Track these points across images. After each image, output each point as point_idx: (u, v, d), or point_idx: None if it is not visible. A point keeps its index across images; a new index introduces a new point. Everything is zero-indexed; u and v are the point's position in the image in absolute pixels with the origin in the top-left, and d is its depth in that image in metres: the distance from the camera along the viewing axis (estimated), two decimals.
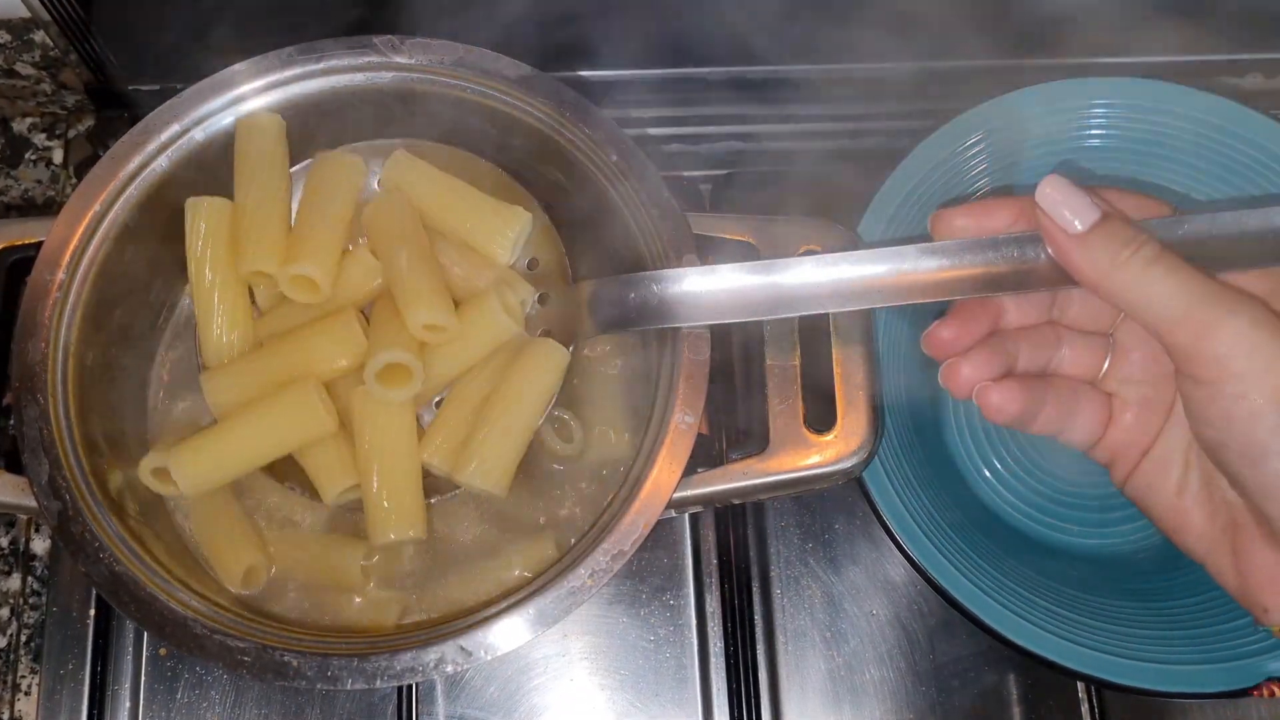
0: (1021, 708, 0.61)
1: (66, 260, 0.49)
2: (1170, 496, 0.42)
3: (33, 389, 0.48)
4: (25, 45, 0.64)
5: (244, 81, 0.52)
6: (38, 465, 0.47)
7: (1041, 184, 0.38)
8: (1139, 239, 0.37)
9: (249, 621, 0.47)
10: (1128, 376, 0.43)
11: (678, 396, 0.48)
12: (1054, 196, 0.38)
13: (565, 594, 0.46)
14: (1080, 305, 0.44)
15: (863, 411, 0.49)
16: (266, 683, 0.47)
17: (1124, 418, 0.43)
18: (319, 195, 0.53)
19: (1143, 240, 0.37)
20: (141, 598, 0.46)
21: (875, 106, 0.71)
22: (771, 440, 0.49)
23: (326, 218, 0.52)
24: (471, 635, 0.46)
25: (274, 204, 0.52)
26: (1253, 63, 0.71)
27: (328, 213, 0.52)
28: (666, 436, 0.48)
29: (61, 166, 0.69)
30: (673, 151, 0.70)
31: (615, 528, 0.47)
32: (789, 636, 0.61)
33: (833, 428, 0.50)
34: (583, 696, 0.60)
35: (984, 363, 0.41)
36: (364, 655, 0.45)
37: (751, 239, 0.52)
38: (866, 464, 0.50)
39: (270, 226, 0.52)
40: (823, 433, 0.49)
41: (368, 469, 0.50)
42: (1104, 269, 0.37)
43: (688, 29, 0.67)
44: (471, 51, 0.52)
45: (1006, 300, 0.43)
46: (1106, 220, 0.38)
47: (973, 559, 0.53)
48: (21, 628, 0.61)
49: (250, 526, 0.53)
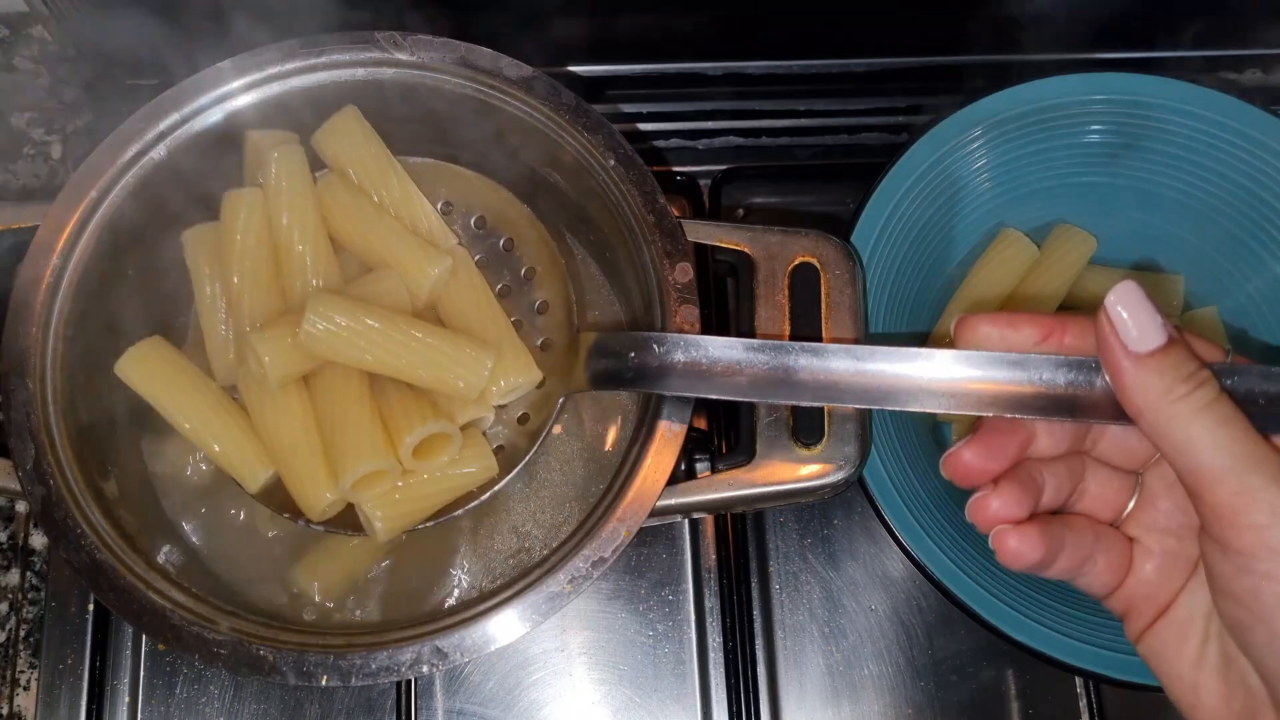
0: (1020, 703, 0.61)
1: (60, 246, 0.49)
2: (1185, 667, 0.37)
3: (22, 373, 0.48)
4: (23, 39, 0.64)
5: (243, 74, 0.52)
6: (24, 449, 0.47)
7: (1114, 290, 0.35)
8: (1199, 376, 0.34)
9: (227, 615, 0.47)
10: (1151, 524, 0.39)
11: (665, 401, 0.48)
12: (1123, 306, 0.35)
13: (544, 599, 0.46)
14: (1112, 438, 0.40)
15: (851, 426, 0.49)
16: (243, 676, 0.47)
17: (1144, 568, 0.39)
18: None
19: (1203, 379, 0.34)
20: (120, 586, 0.46)
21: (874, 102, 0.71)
22: (758, 452, 0.49)
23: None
24: (448, 636, 0.46)
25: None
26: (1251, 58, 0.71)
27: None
28: (652, 443, 0.47)
29: (59, 161, 0.69)
30: (671, 147, 0.70)
31: (597, 534, 0.46)
32: (787, 632, 0.61)
33: (820, 441, 0.49)
34: (581, 691, 0.60)
35: (1014, 500, 0.37)
36: (340, 653, 0.45)
37: (747, 248, 0.51)
38: (853, 479, 0.49)
39: None
40: (810, 446, 0.49)
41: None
42: (1154, 400, 0.34)
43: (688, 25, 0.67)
44: (473, 50, 0.52)
45: (1040, 425, 0.39)
46: (1171, 347, 0.34)
47: (971, 555, 0.53)
48: (20, 623, 0.61)
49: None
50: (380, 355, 0.48)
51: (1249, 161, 0.59)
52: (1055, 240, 0.63)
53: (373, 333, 0.48)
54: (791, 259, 0.51)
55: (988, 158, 0.60)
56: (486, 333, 0.51)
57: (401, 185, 0.53)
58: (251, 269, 0.51)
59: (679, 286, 0.49)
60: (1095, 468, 0.40)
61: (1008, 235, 0.62)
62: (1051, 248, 0.63)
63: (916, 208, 0.58)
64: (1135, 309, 0.34)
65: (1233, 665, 0.36)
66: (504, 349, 0.50)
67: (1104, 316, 0.35)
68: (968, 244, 0.63)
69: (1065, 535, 0.38)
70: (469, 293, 0.52)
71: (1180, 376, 0.34)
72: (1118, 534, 0.39)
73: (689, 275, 0.49)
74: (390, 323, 0.48)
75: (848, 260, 0.51)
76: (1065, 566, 0.38)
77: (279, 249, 0.51)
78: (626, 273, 0.53)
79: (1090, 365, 0.37)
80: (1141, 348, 0.34)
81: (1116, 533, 0.39)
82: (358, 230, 0.52)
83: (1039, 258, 0.63)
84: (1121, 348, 0.35)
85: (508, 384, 0.50)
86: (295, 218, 0.51)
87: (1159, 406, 0.34)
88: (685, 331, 0.48)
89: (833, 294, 0.51)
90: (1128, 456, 0.40)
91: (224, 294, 0.51)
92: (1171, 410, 0.34)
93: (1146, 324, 0.34)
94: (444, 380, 0.48)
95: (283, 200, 0.51)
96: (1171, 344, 0.34)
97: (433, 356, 0.48)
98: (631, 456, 0.48)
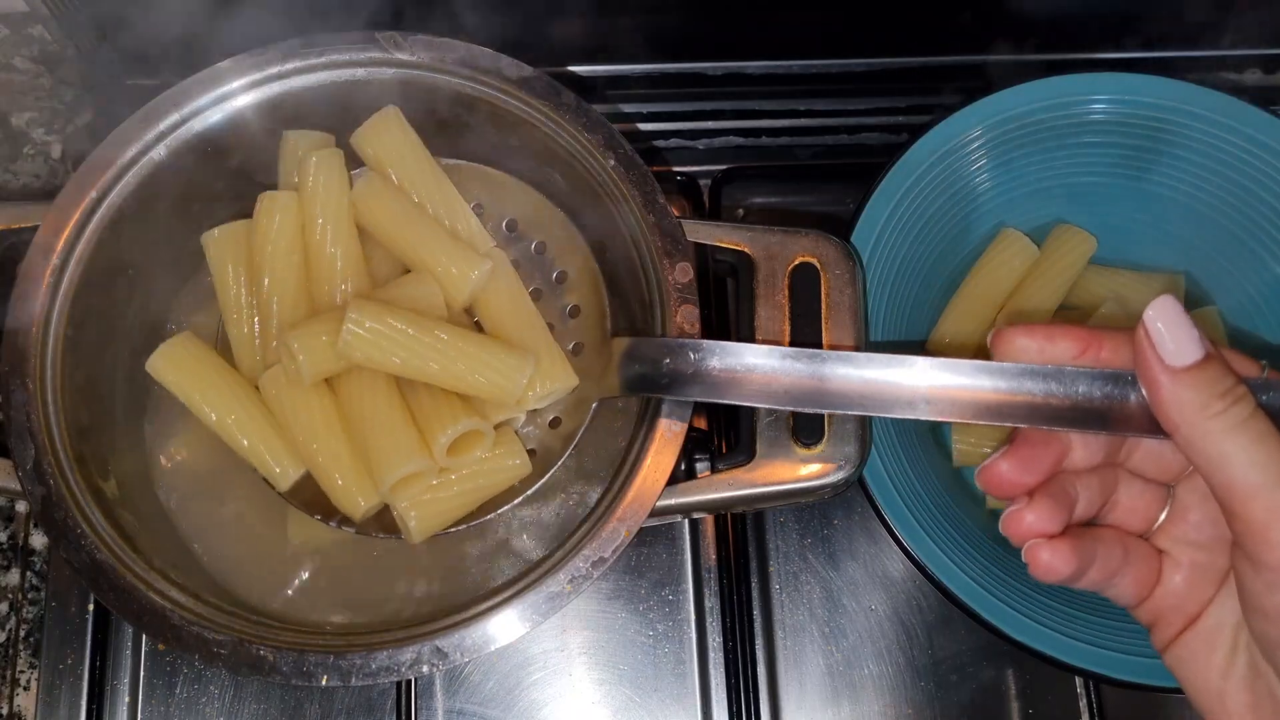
0: (1020, 703, 0.61)
1: (60, 246, 0.49)
2: (1212, 678, 0.37)
3: (22, 373, 0.48)
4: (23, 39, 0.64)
5: (244, 73, 0.51)
6: (23, 449, 0.47)
7: (1152, 304, 0.35)
8: (1236, 392, 0.34)
9: (227, 614, 0.47)
10: (1182, 536, 0.39)
11: (665, 401, 0.48)
12: (1161, 321, 0.35)
13: (545, 599, 0.46)
14: (1146, 451, 0.39)
15: (851, 426, 0.49)
16: (243, 676, 0.47)
17: (1173, 579, 0.39)
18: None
19: (1239, 395, 0.34)
20: (121, 586, 0.46)
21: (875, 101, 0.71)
22: (758, 452, 0.49)
23: None
24: (448, 636, 0.45)
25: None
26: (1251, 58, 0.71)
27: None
28: (652, 443, 0.47)
29: (60, 161, 0.69)
30: (671, 147, 0.70)
31: (597, 534, 0.46)
32: (787, 632, 0.61)
33: (820, 441, 0.49)
34: (581, 691, 0.60)
35: (1049, 514, 0.37)
36: (340, 653, 0.45)
37: (747, 248, 0.51)
38: (853, 479, 0.49)
39: None
40: (810, 446, 0.49)
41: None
42: (1190, 414, 0.34)
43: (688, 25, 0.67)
44: (473, 50, 0.52)
45: (1075, 437, 0.39)
46: (1208, 362, 0.34)
47: (972, 554, 0.53)
48: (20, 623, 0.61)
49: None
50: (418, 363, 0.48)
51: (1249, 161, 0.59)
52: (1055, 240, 0.63)
53: (411, 340, 0.48)
54: (791, 259, 0.51)
55: (988, 158, 0.60)
56: (524, 337, 0.51)
57: (441, 187, 0.53)
58: (283, 271, 0.51)
59: (679, 286, 0.49)
60: (1128, 480, 0.40)
61: (1008, 235, 0.62)
62: (1051, 248, 0.63)
63: (916, 208, 0.58)
64: (1173, 324, 0.35)
65: (1260, 676, 0.36)
66: (541, 354, 0.50)
67: (1142, 331, 0.35)
68: (968, 244, 0.63)
69: (1096, 548, 0.38)
70: (507, 297, 0.52)
71: (1216, 392, 0.34)
72: (1147, 546, 0.39)
73: (689, 275, 0.49)
74: (427, 330, 0.48)
75: (848, 260, 0.51)
76: (1095, 579, 0.38)
77: (310, 253, 0.51)
78: (626, 273, 0.53)
79: (1126, 379, 0.37)
80: (1178, 362, 0.34)
81: (1146, 545, 0.39)
82: (398, 230, 0.52)
83: (1039, 258, 0.63)
84: (1159, 362, 0.35)
85: (544, 389, 0.50)
86: (330, 223, 0.51)
87: (1194, 421, 0.34)
88: (686, 333, 0.48)
89: (833, 294, 0.51)
90: (1161, 469, 0.39)
91: (251, 294, 0.52)
92: (1207, 426, 0.34)
93: (1184, 339, 0.35)
94: (482, 388, 0.49)
95: (318, 205, 0.51)
96: (1208, 359, 0.35)
97: (472, 364, 0.48)
98: (631, 456, 0.48)
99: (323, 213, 0.51)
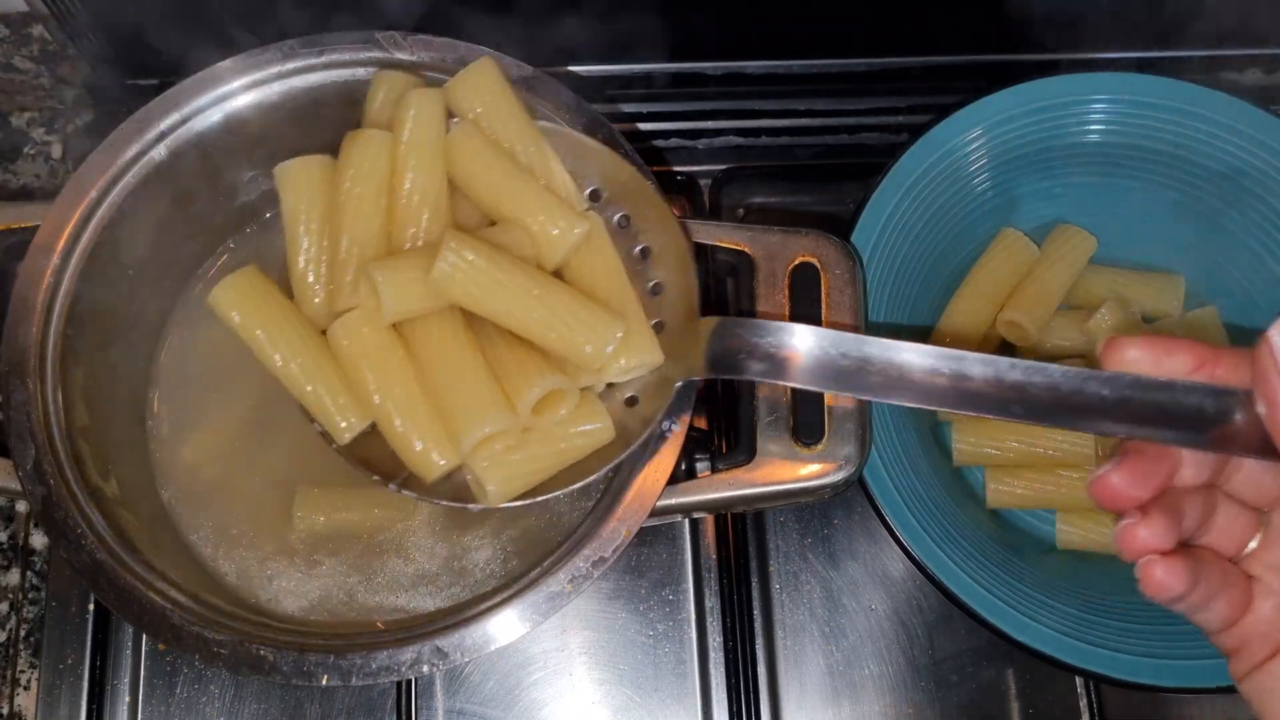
0: (1020, 703, 0.61)
1: (60, 246, 0.49)
2: None
3: (22, 374, 0.48)
4: (23, 39, 0.64)
5: (244, 73, 0.52)
6: (24, 449, 0.47)
7: (1277, 324, 0.34)
8: None
9: (227, 614, 0.47)
10: (1274, 563, 0.38)
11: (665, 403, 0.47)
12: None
13: (544, 598, 0.46)
14: (1248, 474, 0.39)
15: (851, 426, 0.49)
16: (243, 676, 0.47)
17: (1262, 606, 0.38)
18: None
19: None
20: (121, 586, 0.46)
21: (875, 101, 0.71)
22: (758, 451, 0.49)
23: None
24: (448, 636, 0.46)
25: None
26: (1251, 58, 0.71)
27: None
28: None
29: (60, 161, 0.69)
30: (671, 147, 0.70)
31: (597, 534, 0.46)
32: (788, 631, 0.61)
33: (820, 441, 0.49)
34: (581, 691, 0.60)
35: (1163, 530, 0.36)
36: (340, 653, 0.45)
37: (747, 248, 0.51)
38: (853, 479, 0.49)
39: None
40: (810, 445, 0.49)
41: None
42: None
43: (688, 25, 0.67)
44: (474, 50, 0.52)
45: (1186, 454, 0.38)
46: None
47: (972, 554, 0.53)
48: (21, 622, 0.61)
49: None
50: (511, 306, 0.45)
51: (1249, 161, 0.59)
52: (1055, 240, 0.63)
53: (507, 281, 0.44)
54: (792, 259, 0.51)
55: (988, 158, 0.60)
56: (614, 306, 0.47)
57: (538, 144, 0.49)
58: (369, 211, 0.47)
59: None
60: (1225, 502, 0.39)
61: (1008, 235, 0.63)
62: (1051, 248, 0.63)
63: (916, 208, 0.58)
64: None
65: None
66: (631, 325, 0.47)
67: (1265, 349, 0.34)
68: (968, 244, 0.63)
69: (1201, 571, 0.37)
70: (600, 262, 0.49)
71: None
72: (1239, 570, 0.39)
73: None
74: (526, 274, 0.45)
75: (848, 260, 0.51)
76: (1194, 600, 0.37)
77: (396, 196, 0.48)
78: None
79: (1237, 396, 0.36)
80: None
81: (1237, 569, 0.39)
82: (494, 182, 0.48)
83: (1039, 257, 0.63)
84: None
85: (630, 361, 0.46)
86: (424, 166, 0.48)
87: None
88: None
89: (833, 294, 0.51)
90: (1260, 494, 0.39)
91: (322, 235, 0.48)
92: None
93: None
94: (571, 342, 0.45)
95: (413, 149, 0.47)
96: None
97: (564, 316, 0.45)
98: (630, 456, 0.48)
99: (416, 155, 0.47)
